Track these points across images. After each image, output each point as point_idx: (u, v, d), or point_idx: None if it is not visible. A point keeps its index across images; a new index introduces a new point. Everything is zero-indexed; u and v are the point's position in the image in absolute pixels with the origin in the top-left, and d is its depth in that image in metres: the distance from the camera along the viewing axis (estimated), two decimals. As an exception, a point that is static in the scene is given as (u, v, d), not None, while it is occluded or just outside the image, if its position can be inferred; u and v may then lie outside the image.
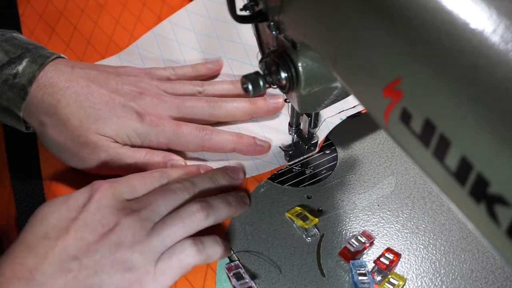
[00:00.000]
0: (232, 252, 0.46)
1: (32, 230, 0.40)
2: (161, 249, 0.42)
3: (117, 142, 0.49)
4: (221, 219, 0.46)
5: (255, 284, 0.44)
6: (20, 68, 0.47)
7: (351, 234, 0.47)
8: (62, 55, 0.51)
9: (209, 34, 0.64)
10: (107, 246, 0.40)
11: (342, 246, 0.46)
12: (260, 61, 0.42)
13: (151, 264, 0.41)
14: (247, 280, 0.44)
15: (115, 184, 0.43)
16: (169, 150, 0.52)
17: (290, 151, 0.54)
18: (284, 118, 0.56)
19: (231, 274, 0.44)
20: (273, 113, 0.56)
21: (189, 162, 0.52)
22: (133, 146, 0.50)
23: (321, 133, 0.54)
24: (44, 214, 0.41)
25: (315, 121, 0.50)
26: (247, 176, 0.52)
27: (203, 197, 0.46)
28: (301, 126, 0.52)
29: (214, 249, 0.44)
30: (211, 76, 0.60)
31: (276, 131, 0.55)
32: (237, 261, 0.45)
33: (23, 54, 0.48)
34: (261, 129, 0.55)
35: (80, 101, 0.48)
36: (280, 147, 0.54)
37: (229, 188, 0.49)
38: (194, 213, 0.43)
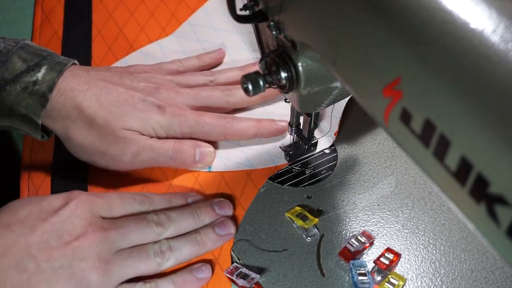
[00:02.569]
0: (232, 252, 0.46)
1: None
2: (120, 276, 0.42)
3: (143, 135, 0.50)
4: (186, 259, 0.45)
5: (255, 284, 0.44)
6: (40, 75, 0.47)
7: (351, 234, 0.47)
8: (75, 61, 0.51)
9: (229, 29, 0.65)
10: (69, 257, 0.39)
11: (342, 246, 0.46)
12: (260, 61, 0.42)
13: None
14: (253, 276, 0.43)
15: (94, 198, 0.43)
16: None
17: (290, 151, 0.54)
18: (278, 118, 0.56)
19: (235, 276, 0.44)
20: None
21: None
22: (157, 136, 0.51)
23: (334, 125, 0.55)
24: (13, 208, 0.40)
25: (315, 121, 0.50)
26: (240, 169, 0.52)
27: (181, 231, 0.46)
28: (301, 126, 0.52)
29: None
30: (215, 65, 0.62)
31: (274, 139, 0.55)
32: (235, 263, 0.45)
33: (40, 61, 0.48)
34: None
35: (101, 101, 0.49)
36: (280, 147, 0.54)
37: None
38: (157, 255, 0.43)
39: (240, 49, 0.63)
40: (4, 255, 0.37)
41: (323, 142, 0.54)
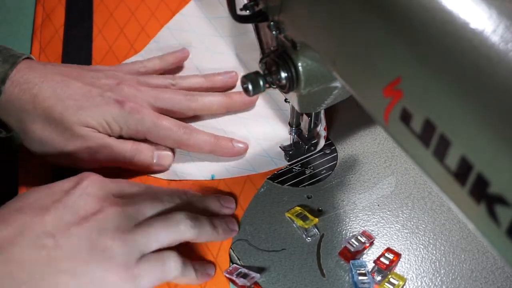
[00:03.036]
0: (231, 251, 0.46)
1: (8, 206, 0.39)
2: (143, 248, 0.40)
3: (101, 132, 0.49)
4: (205, 238, 0.44)
5: (255, 284, 0.44)
6: None
7: (351, 234, 0.47)
8: (32, 56, 0.51)
9: (211, 33, 0.65)
10: (87, 230, 0.38)
11: (342, 246, 0.46)
12: (260, 61, 0.42)
13: (131, 260, 0.39)
14: (253, 275, 0.43)
15: (105, 179, 0.43)
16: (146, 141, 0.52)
17: (290, 151, 0.54)
18: (284, 118, 0.56)
19: (235, 276, 0.43)
20: (249, 106, 0.57)
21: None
22: (112, 134, 0.50)
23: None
24: (23, 195, 0.40)
25: (315, 121, 0.50)
26: (243, 174, 0.52)
27: (191, 211, 0.45)
28: (301, 126, 0.52)
29: (195, 275, 0.43)
30: (179, 65, 0.61)
31: (276, 131, 0.55)
32: (235, 264, 0.45)
33: None
34: (253, 133, 0.55)
35: (57, 94, 0.48)
36: (280, 147, 0.54)
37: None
38: (180, 221, 0.42)
39: (224, 54, 0.63)
40: (20, 235, 0.36)
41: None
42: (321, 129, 0.53)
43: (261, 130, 0.56)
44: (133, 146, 0.50)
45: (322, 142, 0.54)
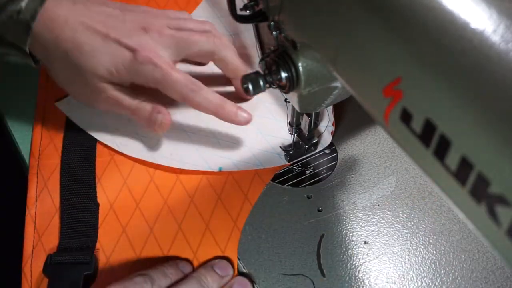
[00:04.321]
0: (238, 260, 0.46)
1: None
2: None
3: (111, 80, 0.50)
4: None
5: (255, 284, 0.44)
6: (23, 4, 0.48)
7: (351, 234, 0.47)
8: None
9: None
10: None
11: (342, 246, 0.46)
12: (260, 61, 0.42)
13: None
14: None
15: None
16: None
17: (291, 151, 0.54)
18: (284, 118, 0.56)
19: None
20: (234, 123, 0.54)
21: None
22: (123, 81, 0.51)
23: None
24: None
25: (315, 121, 0.50)
26: (250, 168, 0.52)
27: None
28: (301, 126, 0.52)
29: None
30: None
31: (276, 131, 0.55)
32: None
33: None
34: (261, 129, 0.55)
35: (76, 38, 0.48)
36: (280, 147, 0.54)
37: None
38: None
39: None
40: None
41: (325, 135, 0.54)
42: (329, 124, 0.54)
43: (268, 126, 0.56)
44: (139, 104, 0.51)
45: (329, 138, 0.54)
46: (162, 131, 0.52)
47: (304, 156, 0.53)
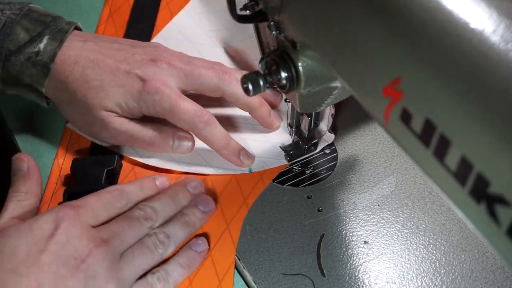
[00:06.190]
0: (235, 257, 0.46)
1: (1, 265, 0.38)
2: (132, 279, 0.42)
3: (121, 114, 0.50)
4: (182, 242, 0.46)
5: (255, 284, 0.44)
6: (42, 46, 0.48)
7: (351, 235, 0.47)
8: (79, 25, 0.51)
9: (206, 43, 0.64)
10: (82, 279, 0.39)
11: (342, 246, 0.46)
12: (260, 61, 0.42)
13: None
14: None
15: (79, 211, 0.42)
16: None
17: (291, 151, 0.54)
18: (284, 118, 0.56)
19: None
20: (267, 126, 0.55)
21: None
22: (132, 114, 0.50)
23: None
24: (11, 248, 0.39)
25: (315, 121, 0.50)
26: (282, 164, 0.52)
27: (166, 218, 0.46)
28: (302, 126, 0.52)
29: (178, 273, 0.44)
30: None
31: (276, 131, 0.55)
32: None
33: (42, 31, 0.49)
34: (260, 129, 0.55)
35: (86, 75, 0.49)
36: (280, 147, 0.54)
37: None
38: (157, 246, 0.44)
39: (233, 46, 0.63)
40: None
41: (325, 135, 0.54)
42: (329, 117, 0.54)
43: (262, 130, 0.56)
44: (153, 133, 0.51)
45: (329, 138, 0.54)
46: (186, 152, 0.53)
47: (304, 156, 0.53)
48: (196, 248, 0.46)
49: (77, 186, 0.50)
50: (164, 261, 0.45)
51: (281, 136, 0.55)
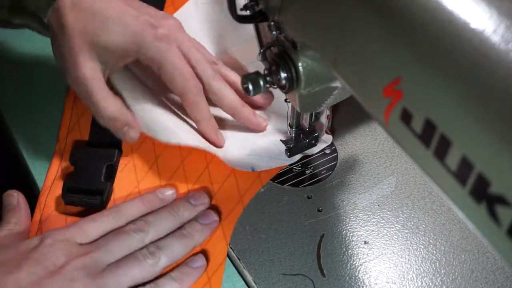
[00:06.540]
0: (232, 252, 0.46)
1: None
2: (115, 287, 0.41)
3: (103, 69, 0.47)
4: (179, 256, 0.45)
5: (255, 284, 0.44)
6: None
7: (351, 235, 0.47)
8: None
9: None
10: (59, 281, 0.39)
11: (342, 246, 0.46)
12: (260, 53, 0.42)
13: None
14: None
15: (66, 230, 0.43)
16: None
17: (291, 144, 0.53)
18: (284, 118, 0.56)
19: None
20: (252, 128, 0.54)
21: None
22: (121, 57, 0.48)
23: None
24: None
25: (316, 114, 0.50)
26: (256, 170, 0.52)
27: (163, 232, 0.45)
28: (302, 120, 0.52)
29: (170, 286, 0.43)
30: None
31: (276, 131, 0.55)
32: None
33: None
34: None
35: (93, 8, 0.46)
36: (281, 140, 0.54)
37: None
38: (146, 257, 0.43)
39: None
40: None
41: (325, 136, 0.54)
42: (325, 119, 0.54)
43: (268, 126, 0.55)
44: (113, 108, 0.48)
45: (329, 139, 0.54)
46: (129, 141, 0.50)
47: (304, 154, 0.53)
48: (192, 264, 0.45)
49: (76, 179, 0.50)
50: (159, 276, 0.44)
51: (281, 136, 0.55)
